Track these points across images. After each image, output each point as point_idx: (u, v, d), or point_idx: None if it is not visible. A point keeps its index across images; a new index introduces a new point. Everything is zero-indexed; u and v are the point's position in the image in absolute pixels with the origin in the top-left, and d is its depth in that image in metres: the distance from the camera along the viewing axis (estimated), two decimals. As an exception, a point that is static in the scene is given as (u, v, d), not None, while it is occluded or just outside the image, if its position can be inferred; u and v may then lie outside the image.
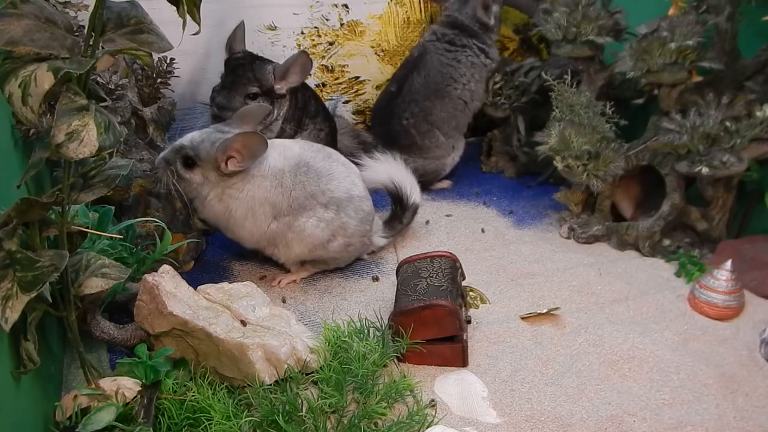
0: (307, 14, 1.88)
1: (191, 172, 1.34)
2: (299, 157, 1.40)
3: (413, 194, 1.58)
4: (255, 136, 1.31)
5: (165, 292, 1.11)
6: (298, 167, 1.39)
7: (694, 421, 1.10)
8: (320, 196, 1.39)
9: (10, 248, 0.84)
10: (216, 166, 1.33)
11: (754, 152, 1.44)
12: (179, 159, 1.33)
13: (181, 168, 1.33)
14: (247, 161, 1.32)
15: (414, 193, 1.58)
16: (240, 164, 1.32)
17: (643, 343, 1.26)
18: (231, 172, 1.33)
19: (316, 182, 1.39)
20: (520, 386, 1.18)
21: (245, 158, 1.32)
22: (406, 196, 1.57)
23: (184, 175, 1.34)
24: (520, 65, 1.94)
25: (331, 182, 1.41)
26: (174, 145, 1.34)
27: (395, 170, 1.57)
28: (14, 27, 0.75)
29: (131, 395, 1.03)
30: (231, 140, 1.30)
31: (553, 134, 1.60)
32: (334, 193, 1.41)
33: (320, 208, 1.39)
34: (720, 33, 1.49)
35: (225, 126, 1.38)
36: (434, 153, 1.86)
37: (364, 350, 1.15)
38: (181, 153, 1.33)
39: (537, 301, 1.41)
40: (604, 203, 1.65)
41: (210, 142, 1.32)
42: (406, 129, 1.83)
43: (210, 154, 1.31)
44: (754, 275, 1.43)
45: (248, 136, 1.30)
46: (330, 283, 1.48)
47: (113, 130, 0.82)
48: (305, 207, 1.39)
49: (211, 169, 1.33)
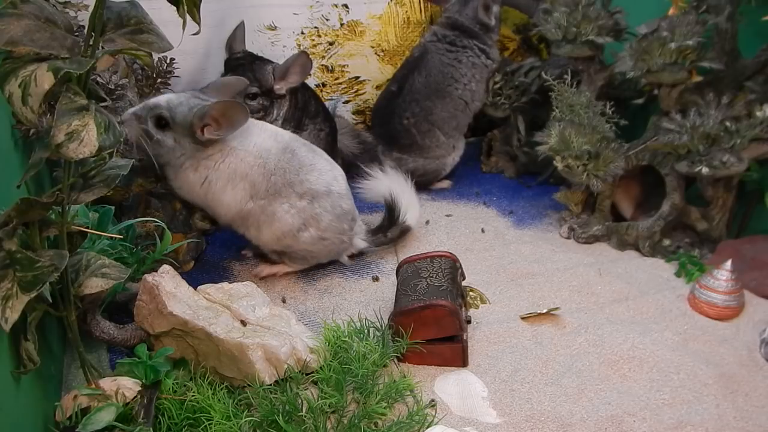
0: (307, 14, 1.88)
1: (163, 133, 1.29)
2: (287, 143, 1.40)
3: (408, 215, 1.56)
4: (236, 106, 1.27)
5: (165, 292, 1.11)
6: (284, 152, 1.38)
7: (694, 421, 1.10)
8: (297, 186, 1.38)
9: (10, 248, 0.84)
10: (191, 132, 1.29)
11: (754, 152, 1.44)
12: (152, 118, 1.28)
13: (152, 127, 1.28)
14: (225, 131, 1.29)
15: (409, 215, 1.56)
16: (217, 133, 1.29)
17: (643, 343, 1.26)
18: (206, 140, 1.29)
19: (296, 171, 1.38)
20: (520, 386, 1.18)
21: (223, 127, 1.28)
22: (399, 213, 1.55)
23: (155, 135, 1.29)
24: (520, 65, 1.94)
25: (311, 173, 1.40)
26: (147, 103, 1.29)
27: (398, 187, 1.56)
28: (14, 27, 0.75)
29: (131, 395, 1.03)
30: (210, 107, 1.26)
31: (553, 134, 1.61)
32: (313, 184, 1.40)
33: (294, 197, 1.38)
34: (720, 33, 1.49)
35: (202, 94, 1.34)
36: (435, 153, 1.86)
37: (364, 350, 1.15)
38: (154, 112, 1.28)
39: (537, 301, 1.41)
40: (604, 203, 1.65)
41: (188, 106, 1.28)
42: (406, 128, 1.83)
43: (186, 119, 1.27)
44: (754, 275, 1.43)
45: (229, 105, 1.27)
46: (330, 283, 1.48)
47: (113, 130, 0.82)
48: (281, 194, 1.37)
49: (184, 135, 1.29)
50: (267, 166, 1.36)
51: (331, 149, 1.74)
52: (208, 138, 1.29)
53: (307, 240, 1.42)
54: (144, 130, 1.28)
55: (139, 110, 1.29)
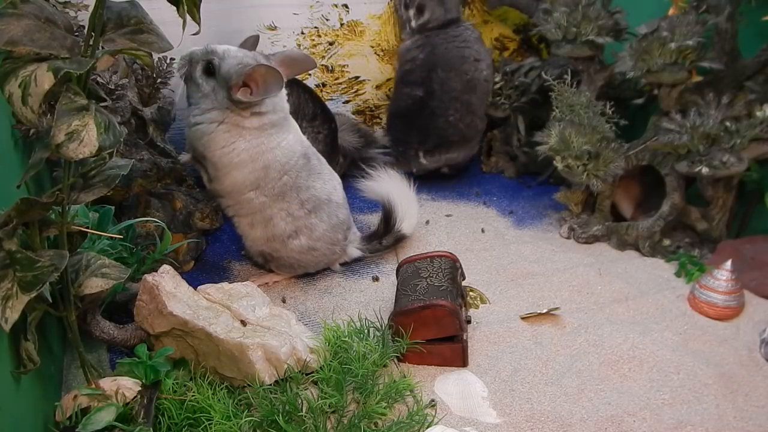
0: (307, 14, 1.88)
1: (207, 78, 1.29)
2: (306, 149, 1.41)
3: (404, 223, 1.54)
4: (274, 72, 1.27)
5: (165, 292, 1.12)
6: (303, 156, 1.39)
7: (694, 421, 1.10)
8: (303, 191, 1.38)
9: (10, 248, 0.84)
10: (228, 87, 1.28)
11: (754, 152, 1.44)
12: (202, 62, 1.29)
13: (199, 70, 1.29)
14: (258, 95, 1.28)
15: (405, 224, 1.54)
16: (251, 96, 1.28)
17: (643, 343, 1.26)
18: (236, 100, 1.29)
19: (306, 177, 1.39)
20: (520, 386, 1.18)
21: (258, 92, 1.28)
22: (395, 221, 1.54)
23: (197, 78, 1.30)
24: (520, 65, 1.94)
25: (318, 180, 1.41)
26: (207, 48, 1.30)
27: (397, 191, 1.53)
28: (14, 27, 0.75)
29: (131, 395, 1.03)
30: (253, 69, 1.26)
31: (553, 134, 1.61)
32: (317, 191, 1.40)
33: (296, 203, 1.38)
34: (720, 33, 1.49)
35: (262, 57, 1.34)
36: (476, 140, 1.91)
37: (364, 350, 1.15)
38: (207, 57, 1.29)
39: (537, 301, 1.41)
40: (604, 203, 1.65)
41: (237, 60, 1.28)
42: (454, 125, 1.84)
43: (229, 72, 1.27)
44: (754, 275, 1.43)
45: (269, 69, 1.27)
46: (330, 283, 1.48)
47: (113, 130, 0.81)
48: (284, 197, 1.37)
49: (222, 87, 1.29)
50: (287, 165, 1.36)
51: (330, 151, 1.73)
52: (238, 99, 1.28)
53: (296, 248, 1.41)
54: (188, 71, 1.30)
55: (197, 52, 1.30)
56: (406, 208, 1.54)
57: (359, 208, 1.76)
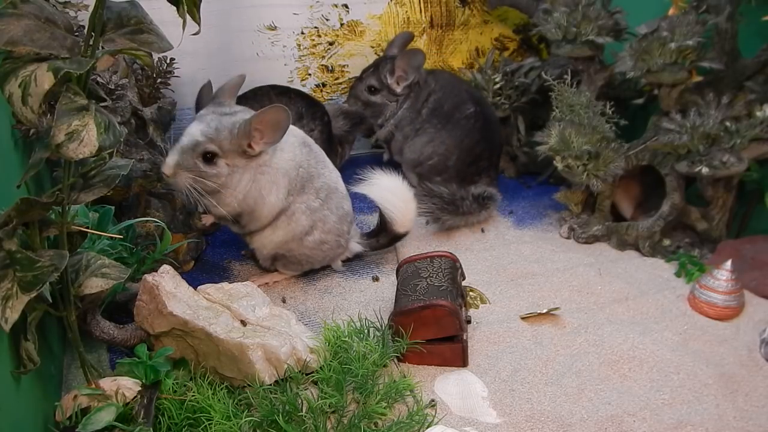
0: (307, 14, 1.88)
1: (215, 166, 1.26)
2: (302, 138, 1.41)
3: (402, 227, 1.50)
4: (276, 111, 1.24)
5: (165, 292, 1.11)
6: (303, 146, 1.39)
7: (694, 421, 1.10)
8: (316, 179, 1.39)
9: (10, 248, 0.84)
10: (242, 151, 1.27)
11: (754, 152, 1.44)
12: (198, 158, 1.25)
13: (203, 165, 1.26)
14: (273, 137, 1.27)
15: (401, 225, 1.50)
16: (265, 141, 1.27)
17: (643, 343, 1.26)
18: (259, 152, 1.28)
19: (314, 165, 1.40)
20: (520, 386, 1.18)
21: (269, 135, 1.26)
22: (390, 221, 1.50)
23: (209, 172, 1.26)
24: (520, 65, 1.94)
25: (325, 168, 1.43)
26: (183, 146, 1.25)
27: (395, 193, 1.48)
28: (14, 27, 0.75)
29: (131, 395, 1.03)
30: (252, 121, 1.24)
31: (553, 134, 1.61)
32: (327, 178, 1.41)
33: (312, 193, 1.39)
34: (720, 33, 1.49)
35: (220, 108, 1.31)
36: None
37: (364, 350, 1.15)
38: (198, 151, 1.25)
39: (537, 301, 1.41)
40: (604, 203, 1.65)
41: (227, 129, 1.25)
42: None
43: (233, 143, 1.25)
44: (754, 275, 1.43)
45: (269, 112, 1.24)
46: (330, 283, 1.48)
47: (113, 130, 0.81)
48: (304, 190, 1.38)
49: (236, 156, 1.27)
50: (296, 159, 1.36)
51: (327, 147, 1.72)
52: (261, 149, 1.28)
53: (310, 243, 1.42)
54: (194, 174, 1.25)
55: (182, 159, 1.25)
56: (404, 208, 1.53)
57: (361, 208, 1.76)
